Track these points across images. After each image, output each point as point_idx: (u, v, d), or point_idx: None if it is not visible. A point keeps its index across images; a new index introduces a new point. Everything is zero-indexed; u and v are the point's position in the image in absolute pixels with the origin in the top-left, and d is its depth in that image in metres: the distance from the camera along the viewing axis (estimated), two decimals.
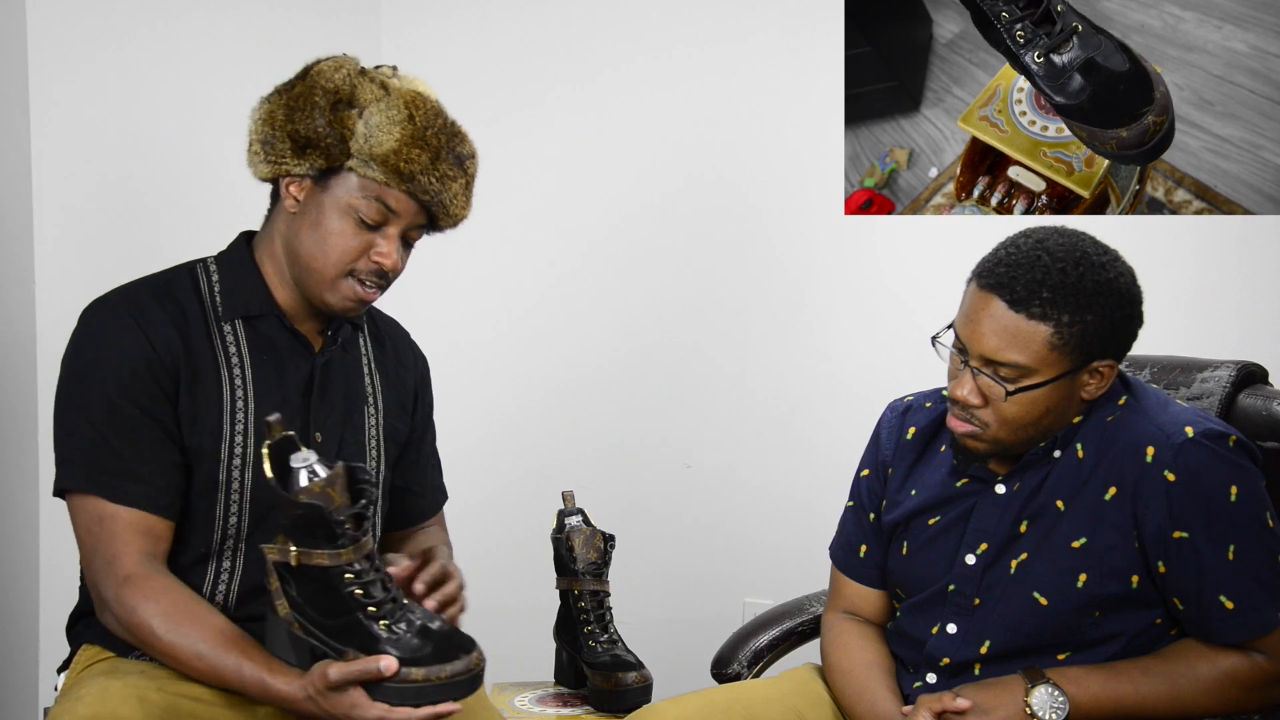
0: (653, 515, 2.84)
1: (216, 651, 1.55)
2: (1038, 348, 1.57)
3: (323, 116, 1.66)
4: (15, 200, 2.31)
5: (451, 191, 1.71)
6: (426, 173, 1.67)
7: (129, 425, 1.62)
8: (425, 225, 1.73)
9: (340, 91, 1.67)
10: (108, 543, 1.61)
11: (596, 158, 2.87)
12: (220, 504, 1.67)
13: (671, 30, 2.78)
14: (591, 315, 2.91)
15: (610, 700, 2.01)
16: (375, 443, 1.80)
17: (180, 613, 1.58)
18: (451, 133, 1.71)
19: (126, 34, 2.43)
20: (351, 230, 1.67)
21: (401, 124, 1.66)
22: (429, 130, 1.68)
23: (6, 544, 2.36)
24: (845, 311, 2.68)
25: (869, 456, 1.86)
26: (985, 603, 1.68)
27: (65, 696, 1.61)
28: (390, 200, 1.67)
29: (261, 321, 1.72)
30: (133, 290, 1.70)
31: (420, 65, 2.97)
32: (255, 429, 1.68)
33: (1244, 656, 1.60)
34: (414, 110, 1.67)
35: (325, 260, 1.68)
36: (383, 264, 1.68)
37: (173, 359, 1.65)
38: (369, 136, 1.65)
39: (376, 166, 1.65)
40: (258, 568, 1.68)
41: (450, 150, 1.70)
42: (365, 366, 1.82)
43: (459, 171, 1.72)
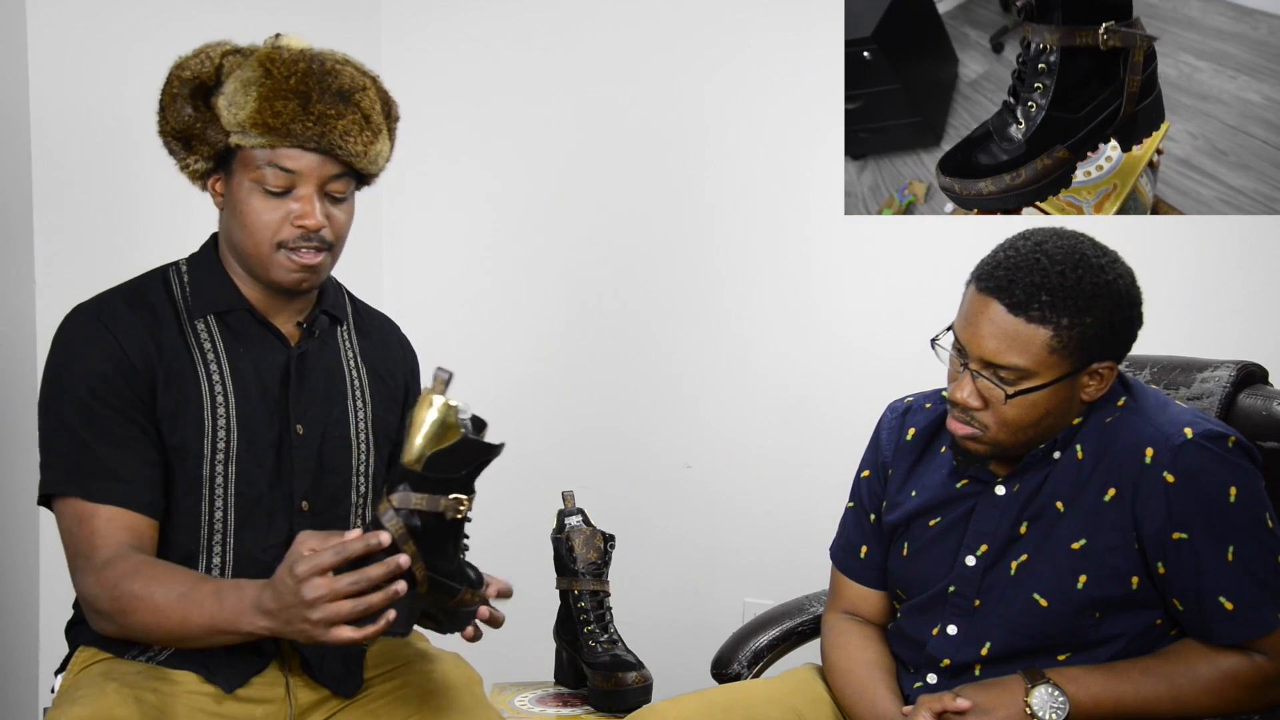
0: (653, 515, 2.84)
1: (196, 588, 1.53)
2: (1037, 350, 1.57)
3: (187, 105, 1.66)
4: (15, 200, 2.31)
5: (340, 129, 1.65)
6: (299, 120, 1.62)
7: (103, 426, 1.63)
8: (343, 174, 1.68)
9: (200, 75, 1.66)
10: (88, 538, 1.61)
11: (597, 157, 2.87)
12: (205, 500, 1.67)
13: (672, 29, 2.78)
14: (592, 316, 2.91)
15: (610, 700, 2.01)
16: (365, 435, 1.79)
17: (158, 572, 1.57)
18: (323, 73, 1.65)
19: (126, 34, 2.43)
20: (264, 204, 1.66)
21: (258, 83, 1.63)
22: (292, 78, 1.63)
23: (6, 545, 2.36)
24: (845, 312, 2.68)
25: (869, 457, 1.86)
26: (985, 604, 1.68)
27: (62, 697, 1.61)
28: (284, 161, 1.64)
29: (232, 316, 1.72)
30: (105, 298, 1.71)
31: (420, 65, 3.00)
32: (237, 423, 1.68)
33: (1244, 657, 1.60)
34: (270, 65, 1.64)
35: (253, 240, 1.67)
36: (305, 225, 1.65)
37: (145, 361, 1.65)
38: (229, 106, 1.64)
39: (251, 133, 1.63)
40: (247, 563, 1.69)
41: (324, 89, 1.64)
42: (348, 359, 1.81)
43: (344, 107, 1.65)
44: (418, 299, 2.98)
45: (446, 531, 1.45)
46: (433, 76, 2.99)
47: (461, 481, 1.44)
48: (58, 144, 2.32)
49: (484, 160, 2.98)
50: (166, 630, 1.56)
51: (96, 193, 2.39)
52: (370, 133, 1.68)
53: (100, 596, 1.58)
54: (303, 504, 1.72)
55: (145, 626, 1.57)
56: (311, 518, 1.73)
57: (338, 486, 1.76)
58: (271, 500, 1.71)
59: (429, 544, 1.43)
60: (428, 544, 1.43)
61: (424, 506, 1.42)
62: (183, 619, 1.54)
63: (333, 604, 1.40)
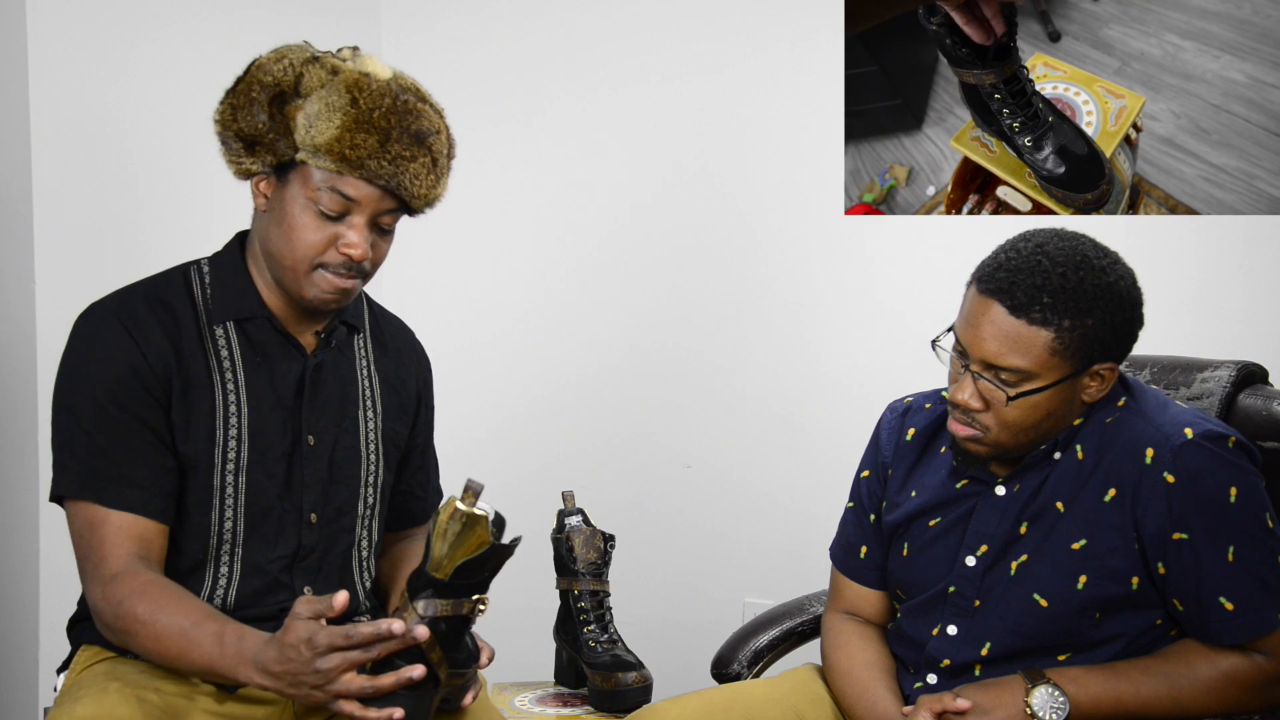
0: (653, 515, 2.84)
1: (199, 626, 1.53)
2: (1039, 352, 1.57)
3: (263, 112, 1.62)
4: (15, 200, 2.31)
5: (411, 172, 1.63)
6: (376, 157, 1.60)
7: (120, 431, 1.62)
8: (396, 209, 1.67)
9: (281, 83, 1.63)
10: (98, 546, 1.60)
11: (597, 159, 2.87)
12: (215, 510, 1.66)
13: (673, 30, 2.78)
14: (592, 316, 2.91)
15: (610, 700, 2.01)
16: (374, 446, 1.79)
17: (165, 598, 1.56)
18: (405, 110, 1.63)
19: (126, 34, 2.43)
20: (314, 223, 1.63)
21: (343, 110, 1.60)
22: (375, 112, 1.61)
23: (7, 545, 2.36)
24: (845, 312, 2.68)
25: (869, 457, 1.86)
26: (985, 604, 1.68)
27: (64, 697, 1.60)
28: (347, 189, 1.62)
29: (251, 324, 1.70)
30: (125, 295, 1.69)
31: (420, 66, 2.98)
32: (249, 434, 1.67)
33: (1244, 657, 1.60)
34: (357, 93, 1.61)
35: (293, 256, 1.64)
36: (351, 254, 1.63)
37: (164, 366, 1.64)
38: (309, 126, 1.60)
39: (324, 156, 1.60)
40: (254, 573, 1.69)
41: (404, 129, 1.62)
42: (361, 369, 1.80)
43: (418, 150, 1.64)
44: (419, 300, 2.97)
45: (464, 626, 1.49)
46: (433, 78, 2.95)
47: (483, 583, 1.47)
48: (58, 144, 2.31)
49: (484, 160, 2.98)
50: (166, 659, 1.57)
51: (96, 193, 2.39)
52: (435, 176, 1.67)
53: (105, 611, 1.59)
54: (311, 516, 1.72)
55: (145, 650, 1.58)
56: (319, 529, 1.73)
57: (345, 498, 1.75)
58: (281, 512, 1.70)
59: (450, 643, 1.47)
60: (449, 643, 1.47)
61: (449, 613, 1.45)
62: (181, 653, 1.54)
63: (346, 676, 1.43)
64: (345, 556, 1.77)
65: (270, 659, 1.46)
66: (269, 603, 1.69)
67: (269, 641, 1.48)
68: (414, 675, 1.43)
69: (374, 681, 1.43)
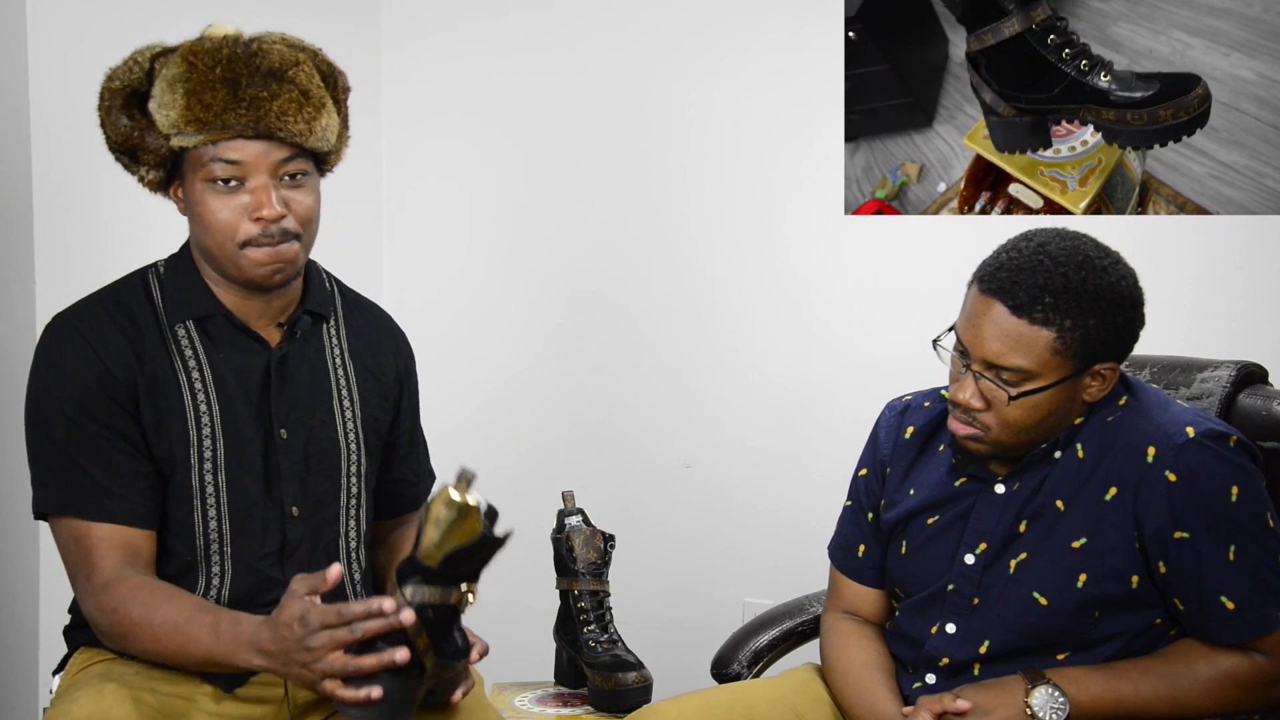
0: (653, 515, 2.84)
1: (193, 620, 1.54)
2: (1040, 352, 1.57)
3: (123, 116, 1.62)
4: (15, 200, 2.31)
5: (276, 110, 1.59)
6: (231, 108, 1.58)
7: (92, 443, 1.61)
8: (292, 156, 1.63)
9: (131, 83, 1.63)
10: (86, 559, 1.61)
11: (597, 158, 2.87)
12: (198, 510, 1.66)
13: (673, 30, 2.78)
14: (593, 315, 2.91)
15: (610, 700, 2.01)
16: (354, 435, 1.77)
17: (156, 598, 1.57)
18: (249, 55, 1.59)
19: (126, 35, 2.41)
20: (219, 202, 1.61)
21: (183, 79, 1.58)
22: (217, 68, 1.58)
23: (6, 547, 2.36)
24: (845, 311, 2.68)
25: (867, 456, 1.86)
26: (984, 603, 1.68)
27: (60, 698, 1.61)
28: (227, 153, 1.59)
29: (210, 322, 1.69)
30: (84, 305, 1.69)
31: (420, 67, 3.00)
32: (223, 432, 1.67)
33: (1244, 657, 1.60)
34: (193, 58, 1.59)
35: (216, 242, 1.63)
36: (263, 216, 1.60)
37: (126, 372, 1.63)
38: (160, 108, 1.60)
39: (187, 131, 1.58)
40: (246, 572, 1.68)
41: (253, 71, 1.59)
42: (334, 358, 1.78)
43: (277, 86, 1.60)
44: (419, 300, 2.98)
45: (453, 617, 1.48)
46: (433, 83, 2.99)
47: (473, 573, 1.47)
48: (58, 144, 2.31)
49: (484, 160, 2.98)
50: (165, 657, 1.58)
51: (96, 193, 2.39)
52: (311, 108, 1.63)
53: (101, 620, 1.59)
54: (292, 510, 1.71)
55: (145, 651, 1.59)
56: (301, 523, 1.72)
57: (326, 489, 1.74)
58: (265, 508, 1.70)
59: (438, 632, 1.46)
60: (437, 633, 1.46)
61: (437, 600, 1.45)
62: (180, 648, 1.55)
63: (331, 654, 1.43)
64: (333, 548, 1.76)
65: (265, 639, 1.47)
66: (264, 599, 1.68)
67: (264, 622, 1.48)
68: (397, 658, 1.42)
69: (356, 660, 1.42)
